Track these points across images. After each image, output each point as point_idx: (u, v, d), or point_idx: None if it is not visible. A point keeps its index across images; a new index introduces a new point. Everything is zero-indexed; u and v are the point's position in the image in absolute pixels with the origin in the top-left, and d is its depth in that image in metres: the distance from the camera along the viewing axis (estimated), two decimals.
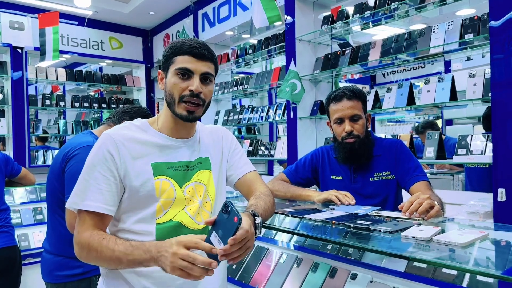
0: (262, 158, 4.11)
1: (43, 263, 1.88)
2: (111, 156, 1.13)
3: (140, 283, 1.15)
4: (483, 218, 2.23)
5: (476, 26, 2.46)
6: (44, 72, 5.05)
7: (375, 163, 1.85)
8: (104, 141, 1.16)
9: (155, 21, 5.90)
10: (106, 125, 2.02)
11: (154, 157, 1.18)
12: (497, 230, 1.43)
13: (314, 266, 1.57)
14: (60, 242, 1.82)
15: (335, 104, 1.82)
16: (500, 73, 2.23)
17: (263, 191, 1.31)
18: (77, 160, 1.72)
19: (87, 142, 1.79)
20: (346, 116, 1.80)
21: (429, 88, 2.73)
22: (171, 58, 1.19)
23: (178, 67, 1.17)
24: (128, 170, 1.14)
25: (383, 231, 1.23)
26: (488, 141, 2.35)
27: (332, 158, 1.96)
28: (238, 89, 4.56)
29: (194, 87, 1.16)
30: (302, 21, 3.65)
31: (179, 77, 1.17)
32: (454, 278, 1.25)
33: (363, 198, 1.80)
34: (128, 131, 1.19)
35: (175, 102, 1.18)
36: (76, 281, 1.79)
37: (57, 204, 1.82)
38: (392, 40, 2.96)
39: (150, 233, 1.15)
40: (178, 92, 1.17)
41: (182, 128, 1.24)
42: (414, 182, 1.74)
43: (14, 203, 3.68)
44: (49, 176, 1.89)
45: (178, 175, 1.19)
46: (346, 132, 1.79)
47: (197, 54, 1.17)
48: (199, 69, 1.17)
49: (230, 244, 0.93)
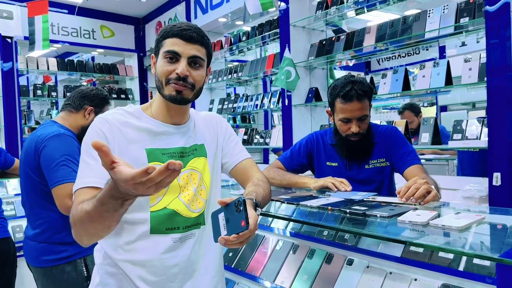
0: (257, 146, 4.10)
1: (27, 249, 1.91)
2: (104, 136, 1.11)
3: (135, 272, 1.14)
4: (479, 202, 2.24)
5: (472, 10, 2.44)
6: (35, 62, 4.97)
7: (371, 150, 1.85)
8: (98, 123, 1.13)
9: (147, 9, 5.82)
10: (66, 111, 1.99)
11: (147, 143, 1.16)
12: (493, 214, 1.44)
13: (310, 253, 1.57)
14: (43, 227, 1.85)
15: (344, 104, 1.74)
16: (495, 57, 2.22)
17: (261, 178, 1.30)
18: (48, 150, 1.76)
19: (54, 132, 1.81)
20: (355, 117, 1.75)
21: (424, 74, 2.72)
22: (161, 41, 1.17)
23: (165, 50, 1.14)
24: (122, 153, 1.11)
25: (380, 216, 1.22)
26: (483, 126, 2.35)
27: (327, 144, 1.94)
28: (232, 77, 4.52)
29: (179, 70, 1.13)
30: (296, 6, 3.60)
31: (167, 60, 1.14)
32: (450, 262, 1.25)
33: (358, 184, 1.80)
34: (121, 116, 1.17)
35: (163, 85, 1.15)
36: (61, 264, 1.81)
37: (38, 195, 1.84)
38: (387, 25, 2.94)
39: (145, 221, 1.13)
40: (165, 75, 1.14)
41: (175, 113, 1.21)
42: (408, 166, 1.75)
43: (8, 194, 3.64)
44: (23, 168, 1.89)
45: None
46: (353, 132, 1.76)
47: (185, 36, 1.14)
48: (186, 52, 1.14)
49: (232, 239, 0.93)
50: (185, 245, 1.18)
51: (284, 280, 1.55)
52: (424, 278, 1.26)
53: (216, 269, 1.27)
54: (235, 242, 0.95)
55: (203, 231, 1.22)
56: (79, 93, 2.01)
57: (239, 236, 0.93)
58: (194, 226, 1.19)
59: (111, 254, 1.16)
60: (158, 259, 1.14)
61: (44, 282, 1.87)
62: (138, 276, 1.14)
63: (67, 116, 1.99)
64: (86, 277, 1.84)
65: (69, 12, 5.41)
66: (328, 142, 1.94)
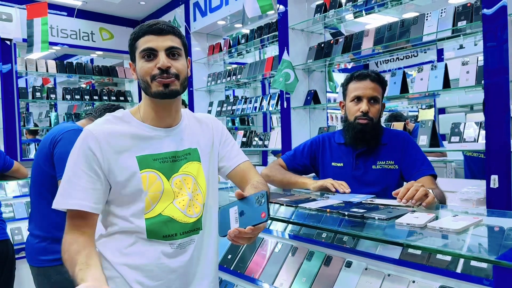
0: (256, 148, 4.11)
1: (28, 247, 1.93)
2: (92, 154, 1.10)
3: (133, 276, 1.13)
4: (476, 205, 2.25)
5: (469, 13, 2.45)
6: (34, 64, 4.96)
7: (380, 151, 1.82)
8: (85, 138, 1.12)
9: (146, 11, 5.82)
10: (87, 119, 2.07)
11: (138, 150, 1.14)
12: (490, 216, 1.45)
13: (309, 255, 1.58)
14: (46, 224, 1.86)
15: (357, 83, 1.78)
16: (493, 60, 2.23)
17: (260, 181, 1.29)
18: (65, 142, 1.80)
19: (73, 127, 1.89)
20: (366, 96, 1.76)
21: (422, 76, 2.73)
22: (134, 44, 1.16)
23: (141, 49, 1.14)
24: (112, 166, 1.11)
25: (378, 219, 1.23)
26: (481, 129, 2.36)
27: (334, 144, 1.92)
28: (231, 80, 4.53)
29: (160, 63, 1.12)
30: (295, 9, 3.61)
31: (145, 59, 1.14)
32: (448, 264, 1.26)
33: (363, 185, 1.76)
34: (110, 124, 1.15)
35: (149, 84, 1.14)
36: (58, 265, 1.81)
37: (46, 188, 1.86)
38: (385, 29, 2.95)
39: (141, 228, 1.13)
40: (147, 73, 1.13)
41: (165, 114, 1.19)
42: (421, 175, 1.70)
43: (6, 197, 3.63)
44: (35, 163, 1.94)
45: (165, 167, 1.16)
46: (362, 112, 1.75)
47: (155, 30, 1.13)
48: (161, 44, 1.13)
49: (247, 231, 0.97)
50: (185, 251, 1.17)
51: (283, 282, 1.55)
52: (422, 280, 1.26)
53: (213, 274, 1.27)
54: (247, 236, 0.98)
55: (202, 236, 1.22)
56: (102, 106, 2.14)
57: (255, 228, 0.97)
58: (192, 232, 1.19)
59: (109, 257, 1.15)
60: (156, 264, 1.14)
61: (41, 282, 1.89)
62: (135, 281, 1.13)
63: (87, 122, 2.04)
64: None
65: (68, 15, 5.41)
66: (334, 142, 1.92)
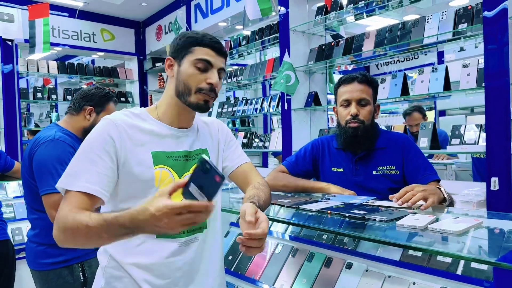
0: (257, 150, 4.11)
1: (28, 251, 1.92)
2: (112, 140, 1.10)
3: (142, 276, 1.14)
4: (477, 207, 2.25)
5: (470, 16, 2.46)
6: (35, 65, 4.98)
7: (379, 156, 1.76)
8: (106, 125, 1.12)
9: (147, 13, 5.83)
10: (69, 114, 2.00)
11: (153, 146, 1.16)
12: (490, 218, 1.44)
13: (309, 256, 1.58)
14: (42, 233, 1.85)
15: (345, 86, 1.76)
16: (493, 62, 2.24)
17: (261, 182, 1.31)
18: (39, 156, 1.78)
19: (49, 136, 1.82)
20: (354, 99, 1.73)
21: (423, 79, 2.73)
22: (188, 47, 1.17)
23: (199, 58, 1.15)
24: (128, 156, 1.11)
25: (378, 220, 1.23)
26: (481, 131, 2.36)
27: (332, 148, 1.88)
28: (232, 81, 4.54)
29: (214, 80, 1.16)
30: (296, 11, 3.62)
31: (197, 68, 1.16)
32: (448, 265, 1.26)
33: (365, 191, 1.73)
34: (128, 118, 1.17)
35: (191, 92, 1.16)
36: (58, 269, 1.81)
37: (35, 198, 1.83)
38: (386, 31, 2.96)
39: None
40: (196, 83, 1.15)
41: (185, 118, 1.23)
42: (427, 181, 1.66)
43: (7, 197, 3.64)
44: (22, 173, 1.91)
45: (177, 165, 1.18)
46: (351, 115, 1.72)
47: (216, 48, 1.17)
48: (217, 63, 1.18)
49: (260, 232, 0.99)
50: (189, 248, 1.19)
51: (284, 284, 1.56)
52: (423, 282, 1.27)
53: (217, 272, 1.28)
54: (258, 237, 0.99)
55: (206, 235, 1.23)
56: (78, 94, 2.00)
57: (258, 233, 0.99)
58: (197, 230, 1.20)
59: (117, 257, 1.16)
60: (164, 263, 1.15)
61: (41, 285, 1.88)
62: (144, 280, 1.14)
63: (69, 119, 2.00)
64: (83, 283, 1.84)
65: (69, 16, 5.43)
66: (333, 146, 1.87)
